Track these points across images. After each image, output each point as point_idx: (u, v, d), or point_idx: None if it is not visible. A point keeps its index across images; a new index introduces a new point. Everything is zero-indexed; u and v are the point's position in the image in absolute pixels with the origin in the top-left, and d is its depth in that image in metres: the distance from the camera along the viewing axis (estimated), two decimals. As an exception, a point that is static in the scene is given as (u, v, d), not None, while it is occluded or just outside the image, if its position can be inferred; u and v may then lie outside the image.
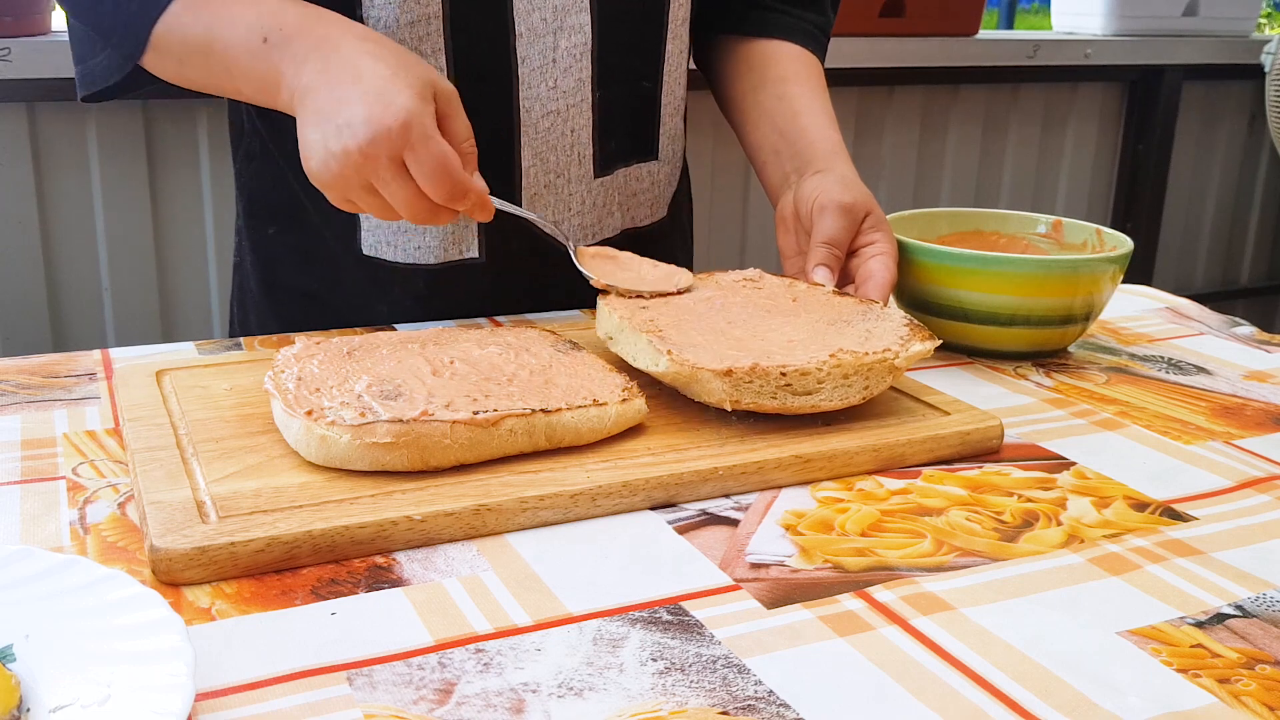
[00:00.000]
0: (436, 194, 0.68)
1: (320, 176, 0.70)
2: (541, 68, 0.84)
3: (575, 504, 0.56)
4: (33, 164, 1.59)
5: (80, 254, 1.65)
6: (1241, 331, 0.91)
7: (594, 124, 0.87)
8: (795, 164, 0.90)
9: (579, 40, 0.84)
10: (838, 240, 0.82)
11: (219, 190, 1.70)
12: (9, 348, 1.61)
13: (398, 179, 0.68)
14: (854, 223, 0.83)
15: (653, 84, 0.91)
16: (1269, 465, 0.65)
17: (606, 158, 0.89)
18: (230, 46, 0.74)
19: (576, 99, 0.86)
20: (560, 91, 0.85)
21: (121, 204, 1.65)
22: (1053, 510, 0.59)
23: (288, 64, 0.72)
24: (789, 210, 0.87)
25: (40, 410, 0.67)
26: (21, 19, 1.51)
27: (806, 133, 0.91)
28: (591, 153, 0.88)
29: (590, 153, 0.88)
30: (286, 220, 0.92)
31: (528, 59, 0.83)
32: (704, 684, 0.43)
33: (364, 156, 0.67)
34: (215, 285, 1.73)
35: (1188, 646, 0.47)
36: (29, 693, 0.39)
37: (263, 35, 0.73)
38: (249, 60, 0.73)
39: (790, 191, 0.88)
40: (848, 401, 0.64)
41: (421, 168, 0.67)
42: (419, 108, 0.67)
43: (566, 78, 0.85)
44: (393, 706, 0.42)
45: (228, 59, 0.74)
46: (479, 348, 0.67)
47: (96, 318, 1.68)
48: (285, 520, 0.51)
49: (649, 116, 0.92)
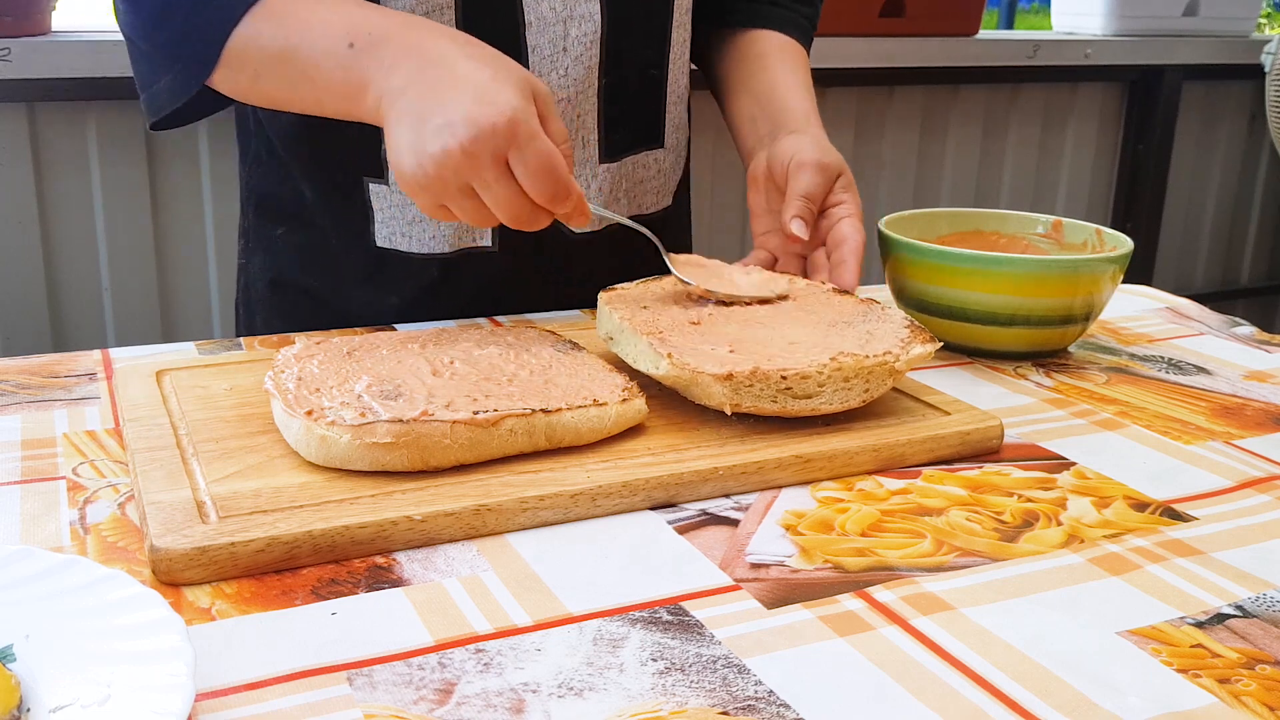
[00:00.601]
0: (540, 194, 0.67)
1: (415, 179, 0.67)
2: (552, 56, 0.84)
3: (575, 504, 0.56)
4: (33, 164, 1.59)
5: (80, 254, 1.65)
6: (1241, 331, 0.91)
7: (601, 111, 0.88)
8: (770, 127, 0.92)
9: (589, 29, 0.85)
10: (814, 195, 0.84)
11: (219, 190, 1.70)
12: (9, 348, 1.61)
13: (501, 179, 0.66)
14: (828, 181, 0.85)
15: (659, 71, 0.92)
16: (1269, 465, 0.65)
17: (614, 145, 0.90)
18: (314, 54, 0.72)
19: (585, 86, 0.86)
20: (570, 79, 0.86)
21: (121, 204, 1.65)
22: (1053, 510, 0.59)
23: (376, 70, 0.70)
24: (761, 169, 0.89)
25: (40, 410, 0.67)
26: (21, 19, 1.51)
27: (782, 100, 0.93)
28: (597, 139, 0.89)
29: (596, 139, 0.89)
30: (294, 221, 0.92)
31: (538, 47, 0.84)
32: (704, 684, 0.43)
33: (466, 155, 0.65)
34: (215, 285, 1.73)
35: (1188, 646, 0.47)
36: (29, 693, 0.39)
37: (349, 41, 0.70)
38: (333, 68, 0.71)
39: (763, 151, 0.90)
40: (848, 405, 0.64)
41: (527, 166, 0.66)
42: (523, 106, 0.66)
43: (577, 66, 0.85)
44: (393, 706, 0.42)
45: (310, 67, 0.72)
46: (479, 348, 0.67)
47: (96, 318, 1.68)
48: (285, 520, 0.51)
49: (655, 104, 0.93)
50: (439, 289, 0.89)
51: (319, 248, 0.91)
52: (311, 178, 0.90)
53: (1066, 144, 2.43)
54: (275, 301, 0.95)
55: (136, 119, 1.63)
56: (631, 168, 0.93)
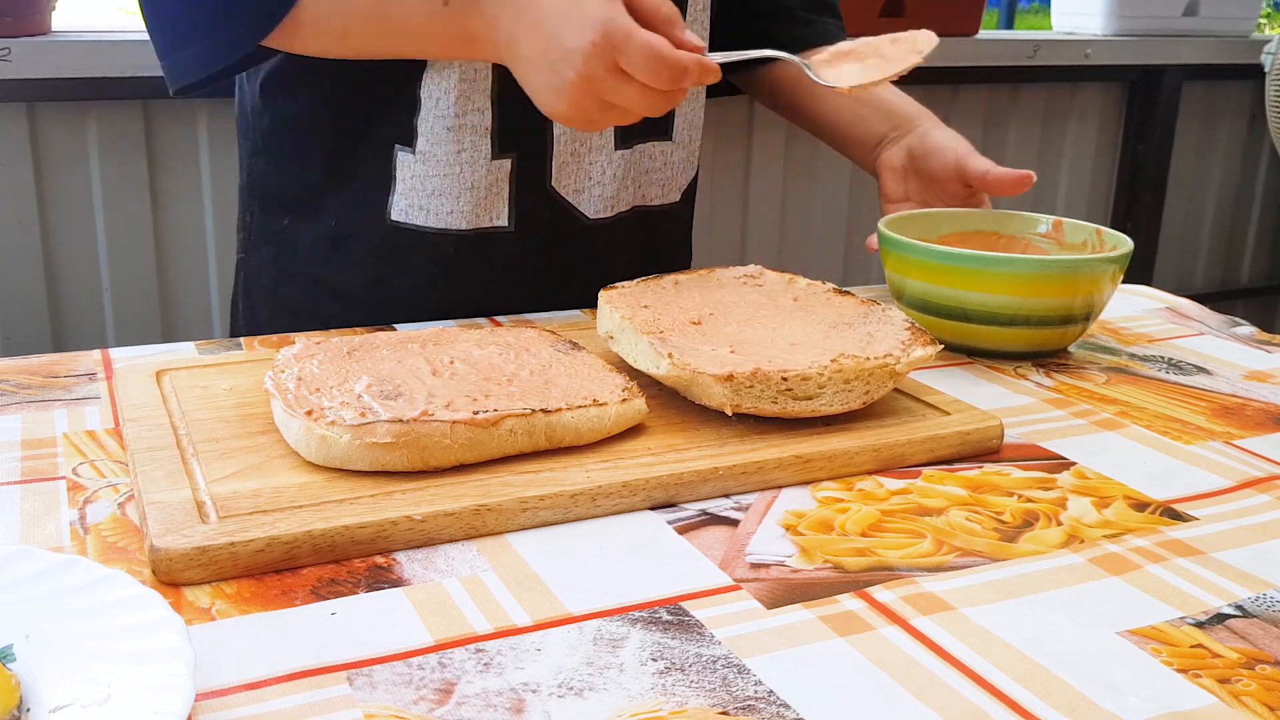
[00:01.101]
0: (659, 83, 0.70)
1: (560, 112, 0.73)
2: None
3: (575, 504, 0.56)
4: (33, 164, 1.59)
5: (80, 254, 1.65)
6: (1241, 331, 0.91)
7: None
8: (892, 121, 1.01)
9: None
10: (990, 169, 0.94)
11: (219, 190, 1.70)
12: (9, 348, 1.61)
13: (622, 85, 0.70)
14: None
15: None
16: (1269, 465, 0.65)
17: (626, 132, 0.92)
18: (408, 13, 0.77)
19: None
20: None
21: (121, 204, 1.65)
22: (1053, 510, 0.59)
23: (478, 23, 0.75)
24: (900, 159, 0.98)
25: (40, 410, 0.67)
26: (21, 19, 1.50)
27: (885, 99, 1.02)
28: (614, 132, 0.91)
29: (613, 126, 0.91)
30: (303, 209, 0.93)
31: None
32: (704, 684, 0.43)
33: (584, 80, 0.70)
34: (215, 285, 1.73)
35: (1188, 646, 0.47)
36: (29, 693, 0.39)
37: None
38: (432, 24, 0.77)
39: (899, 143, 0.99)
40: (848, 406, 0.64)
41: (635, 66, 0.69)
42: (608, 12, 0.69)
43: None
44: (393, 706, 0.42)
45: (407, 26, 0.78)
46: (479, 348, 0.67)
47: (96, 318, 1.68)
48: (285, 520, 0.51)
49: None
50: (452, 271, 0.90)
51: (327, 234, 0.92)
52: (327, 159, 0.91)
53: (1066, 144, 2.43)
54: (282, 294, 0.95)
55: (137, 119, 1.63)
56: (639, 156, 0.94)
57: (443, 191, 0.88)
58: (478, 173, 0.88)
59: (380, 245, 0.90)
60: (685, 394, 0.65)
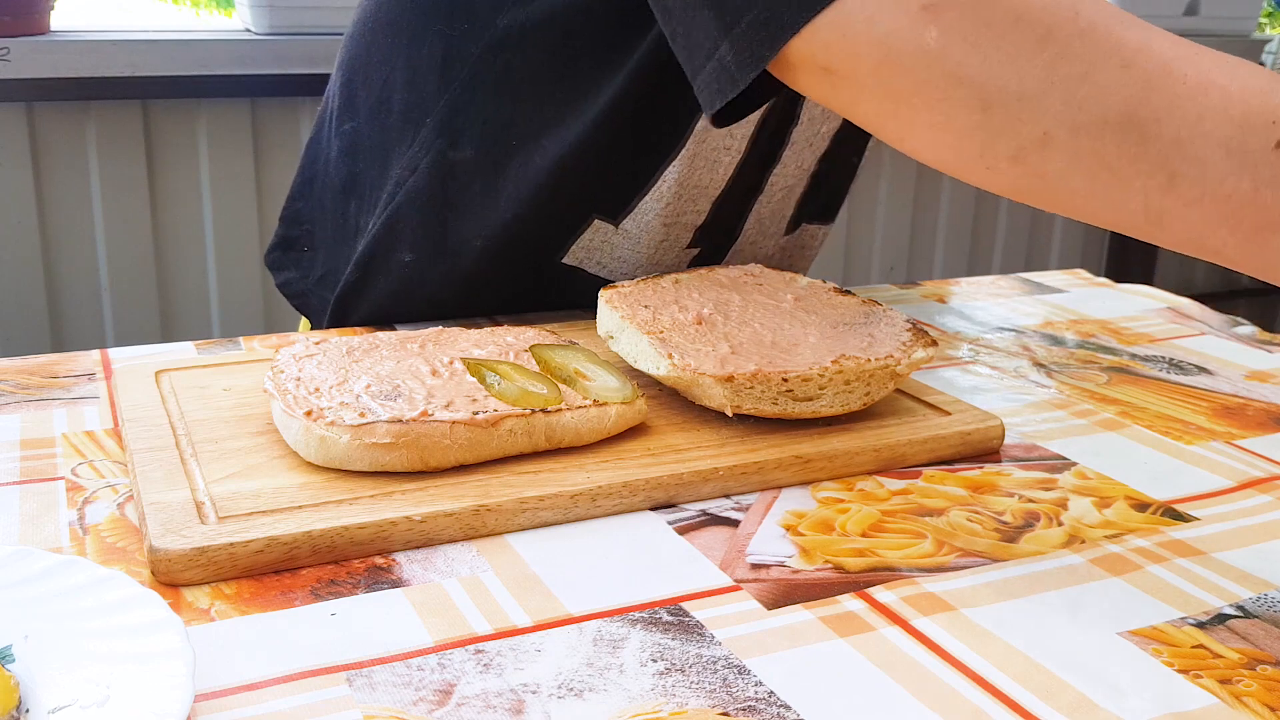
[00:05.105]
0: None
1: None
2: (801, 151, 0.85)
3: (575, 504, 0.56)
4: (32, 164, 1.59)
5: (79, 254, 1.65)
6: (1243, 331, 0.91)
7: (805, 191, 0.89)
8: None
9: (835, 121, 0.85)
10: None
11: (219, 190, 1.70)
12: (8, 348, 1.61)
13: None
14: None
15: (859, 159, 0.92)
16: (1270, 465, 0.65)
17: (797, 218, 0.91)
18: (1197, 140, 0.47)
19: (806, 172, 0.87)
20: (803, 170, 0.86)
21: (121, 204, 1.65)
22: (1054, 510, 0.59)
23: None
24: None
25: (39, 410, 0.67)
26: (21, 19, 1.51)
27: None
28: (792, 215, 0.90)
29: (791, 214, 0.90)
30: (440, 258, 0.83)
31: (796, 142, 0.84)
32: (704, 685, 0.43)
33: None
34: (214, 285, 1.73)
35: (1189, 647, 0.47)
36: (28, 693, 0.39)
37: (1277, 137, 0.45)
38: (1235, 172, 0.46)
39: None
40: (849, 407, 0.64)
41: None
42: None
43: (810, 155, 0.86)
44: (392, 707, 0.42)
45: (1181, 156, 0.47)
46: (478, 348, 0.67)
47: (95, 318, 1.68)
48: (285, 521, 0.51)
49: (844, 187, 0.93)
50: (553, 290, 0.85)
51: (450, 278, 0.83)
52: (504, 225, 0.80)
53: (1066, 144, 2.42)
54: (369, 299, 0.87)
55: (136, 119, 1.63)
56: (800, 236, 0.93)
57: (627, 260, 0.83)
58: (667, 257, 0.84)
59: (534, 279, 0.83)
60: (685, 394, 0.64)
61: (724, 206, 0.84)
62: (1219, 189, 0.47)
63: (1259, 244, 0.47)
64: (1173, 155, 0.47)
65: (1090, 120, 0.48)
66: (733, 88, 0.58)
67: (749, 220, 0.87)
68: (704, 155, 0.79)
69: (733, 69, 0.57)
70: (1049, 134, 0.49)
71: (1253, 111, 0.46)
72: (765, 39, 0.55)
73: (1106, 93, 0.48)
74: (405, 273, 0.84)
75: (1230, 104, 0.47)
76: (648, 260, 0.84)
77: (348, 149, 0.87)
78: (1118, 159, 0.48)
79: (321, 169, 0.92)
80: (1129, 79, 0.48)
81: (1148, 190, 0.48)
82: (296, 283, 0.96)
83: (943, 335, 0.87)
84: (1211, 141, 0.47)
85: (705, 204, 0.83)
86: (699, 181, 0.81)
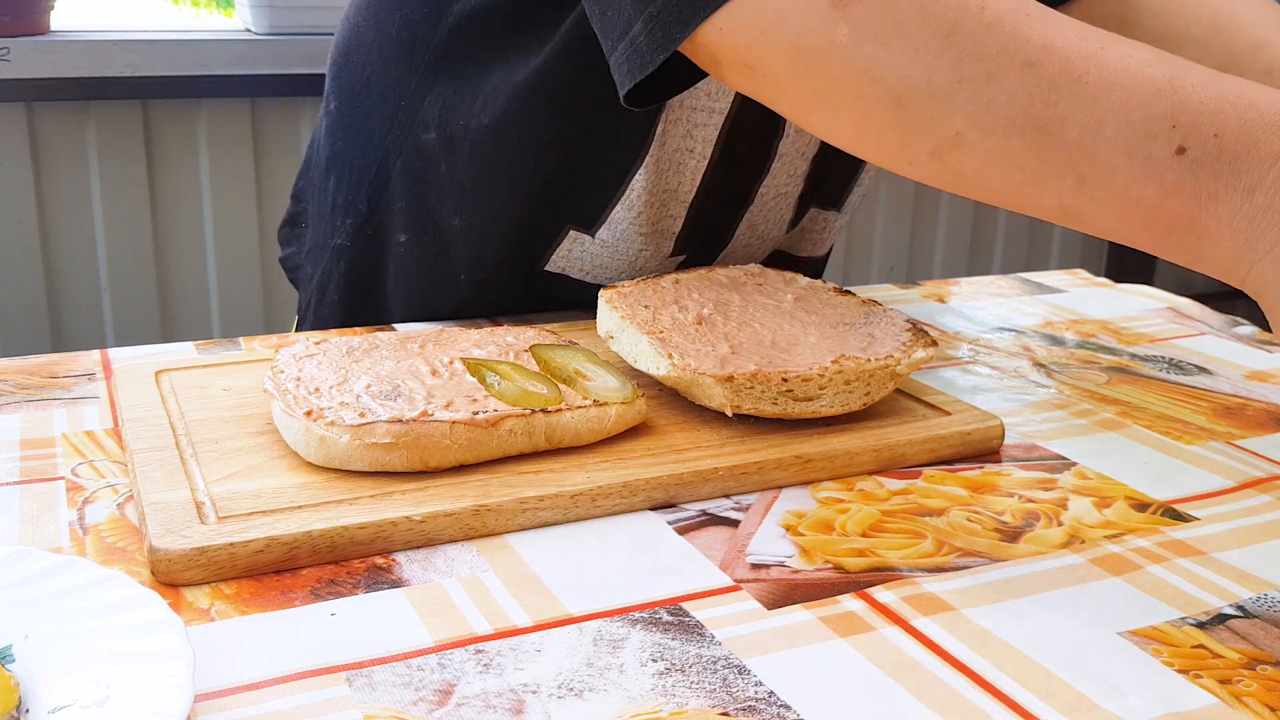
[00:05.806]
0: None
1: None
2: (792, 161, 0.84)
3: (575, 504, 0.56)
4: (32, 164, 1.59)
5: (79, 254, 1.65)
6: (1243, 331, 0.91)
7: (802, 191, 0.89)
8: None
9: None
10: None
11: (219, 190, 1.70)
12: (8, 348, 1.61)
13: None
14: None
15: None
16: (1270, 465, 0.65)
17: (797, 218, 0.90)
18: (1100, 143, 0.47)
19: (800, 177, 0.87)
20: (797, 177, 0.86)
21: (121, 204, 1.65)
22: (1053, 510, 0.59)
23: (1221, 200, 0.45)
24: None
25: (39, 410, 0.67)
26: (21, 19, 1.51)
27: None
28: (792, 216, 0.90)
29: (791, 216, 0.89)
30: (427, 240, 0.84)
31: (785, 154, 0.83)
32: (704, 685, 0.43)
33: None
34: (214, 285, 1.73)
35: (1189, 647, 0.47)
36: (28, 693, 0.39)
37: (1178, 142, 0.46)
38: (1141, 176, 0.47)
39: None
40: (848, 408, 0.64)
41: None
42: None
43: (803, 162, 0.85)
44: (392, 707, 0.42)
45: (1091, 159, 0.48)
46: (478, 348, 0.67)
47: (95, 318, 1.68)
48: (285, 521, 0.51)
49: (848, 179, 0.93)
50: None
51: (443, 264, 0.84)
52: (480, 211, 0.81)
53: (1066, 144, 2.43)
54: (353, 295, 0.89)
55: (136, 119, 1.63)
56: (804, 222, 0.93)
57: (609, 267, 0.83)
58: (650, 264, 0.84)
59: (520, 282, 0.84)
60: (685, 394, 0.64)
61: (702, 213, 0.83)
62: (1126, 194, 0.48)
63: (1172, 242, 0.48)
64: (1079, 160, 0.48)
65: (998, 122, 0.49)
66: (642, 69, 0.58)
67: (740, 228, 0.87)
68: (667, 158, 0.79)
69: (644, 49, 0.57)
70: (960, 134, 0.50)
71: (1154, 117, 0.46)
72: (677, 21, 0.56)
73: (1012, 95, 0.49)
74: (402, 253, 0.85)
75: (1131, 107, 0.47)
76: (630, 270, 0.84)
77: (331, 128, 0.90)
78: (1027, 159, 0.49)
79: (314, 149, 0.95)
80: (1034, 80, 0.48)
81: (1060, 190, 0.49)
82: (294, 256, 0.99)
83: (943, 335, 0.87)
84: (1115, 148, 0.47)
85: (679, 209, 0.82)
86: (667, 185, 0.80)
